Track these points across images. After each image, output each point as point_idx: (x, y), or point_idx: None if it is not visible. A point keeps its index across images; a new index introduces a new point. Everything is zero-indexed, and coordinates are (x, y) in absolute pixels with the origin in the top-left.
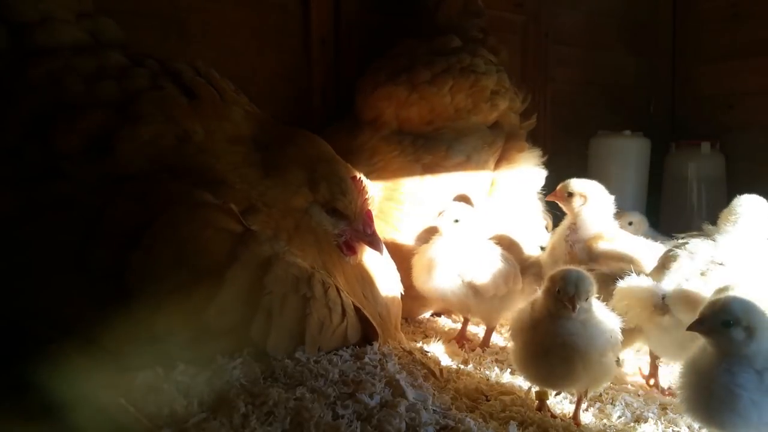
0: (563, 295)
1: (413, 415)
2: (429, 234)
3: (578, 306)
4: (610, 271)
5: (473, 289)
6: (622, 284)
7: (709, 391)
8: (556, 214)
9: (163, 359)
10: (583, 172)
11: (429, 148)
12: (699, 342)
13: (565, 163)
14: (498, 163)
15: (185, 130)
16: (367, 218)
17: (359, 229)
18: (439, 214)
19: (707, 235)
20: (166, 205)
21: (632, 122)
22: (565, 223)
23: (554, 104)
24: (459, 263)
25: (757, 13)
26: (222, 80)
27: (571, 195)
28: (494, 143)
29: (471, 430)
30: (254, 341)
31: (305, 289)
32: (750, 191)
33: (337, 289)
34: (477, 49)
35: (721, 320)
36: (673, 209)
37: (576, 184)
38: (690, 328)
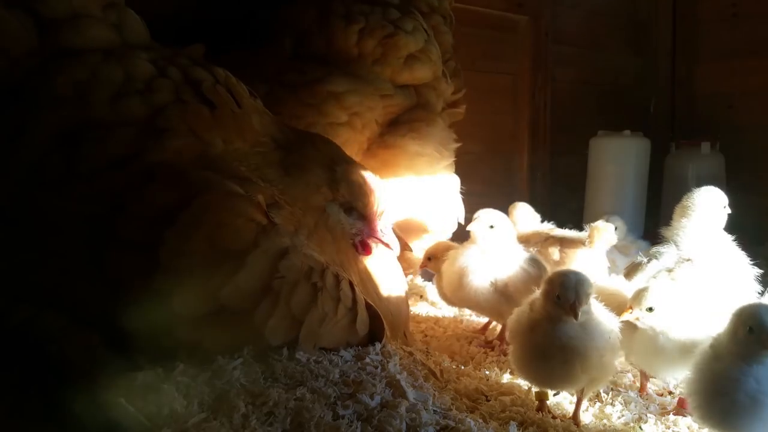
0: (564, 302)
1: (414, 415)
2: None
3: (580, 311)
4: None
5: (506, 296)
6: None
7: (731, 398)
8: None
9: (172, 344)
10: (583, 172)
11: (302, 69)
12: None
13: (565, 163)
14: (395, 128)
15: (206, 143)
16: (383, 219)
17: (375, 229)
18: (474, 219)
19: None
20: (202, 189)
21: (632, 122)
22: None
23: (554, 104)
24: (491, 270)
25: (757, 13)
26: (239, 85)
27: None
28: (391, 98)
29: (471, 431)
30: (256, 324)
31: (317, 278)
32: (750, 191)
33: (351, 284)
34: (413, 12)
35: (747, 327)
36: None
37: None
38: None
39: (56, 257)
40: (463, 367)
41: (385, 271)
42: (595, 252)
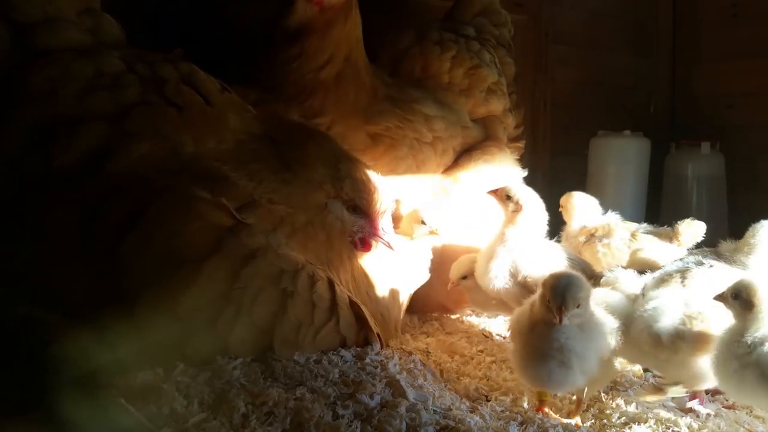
0: (552, 305)
1: (413, 415)
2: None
3: (566, 317)
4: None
5: (528, 289)
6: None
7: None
8: None
9: (149, 347)
10: (583, 172)
11: (403, 89)
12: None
13: (565, 163)
14: (468, 154)
15: (175, 143)
16: (385, 217)
17: (377, 227)
18: (498, 189)
19: (719, 253)
20: (157, 198)
21: (632, 122)
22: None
23: (554, 104)
24: (514, 259)
25: (757, 13)
26: (207, 80)
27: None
28: (469, 131)
29: (471, 431)
30: (219, 335)
31: (288, 283)
32: (750, 191)
33: (330, 284)
34: (487, 45)
35: (731, 292)
36: (673, 209)
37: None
38: (715, 298)
39: (46, 258)
40: (463, 367)
41: (379, 271)
42: (681, 249)
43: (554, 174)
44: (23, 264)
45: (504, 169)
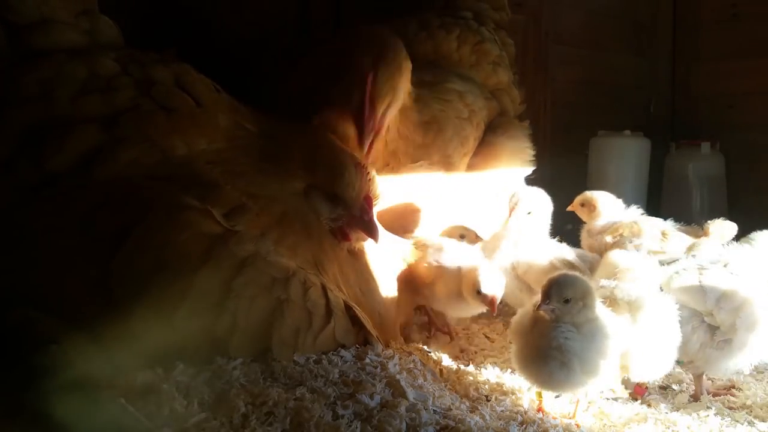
0: (540, 292)
1: (413, 415)
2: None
3: (547, 306)
4: None
5: (525, 284)
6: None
7: None
8: None
9: (147, 356)
10: (583, 172)
11: (428, 71)
12: None
13: (565, 163)
14: (492, 129)
15: (165, 148)
16: (366, 204)
17: (356, 215)
18: (511, 198)
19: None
20: (146, 211)
21: (632, 122)
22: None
23: (554, 104)
24: (517, 253)
25: (757, 13)
26: (198, 81)
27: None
28: (491, 102)
29: (471, 431)
30: (220, 342)
31: (280, 291)
32: (750, 191)
33: (324, 289)
34: (485, 24)
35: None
36: (673, 209)
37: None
38: None
39: (39, 267)
40: (463, 367)
41: (371, 266)
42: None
43: (554, 174)
44: (18, 270)
45: (524, 144)
